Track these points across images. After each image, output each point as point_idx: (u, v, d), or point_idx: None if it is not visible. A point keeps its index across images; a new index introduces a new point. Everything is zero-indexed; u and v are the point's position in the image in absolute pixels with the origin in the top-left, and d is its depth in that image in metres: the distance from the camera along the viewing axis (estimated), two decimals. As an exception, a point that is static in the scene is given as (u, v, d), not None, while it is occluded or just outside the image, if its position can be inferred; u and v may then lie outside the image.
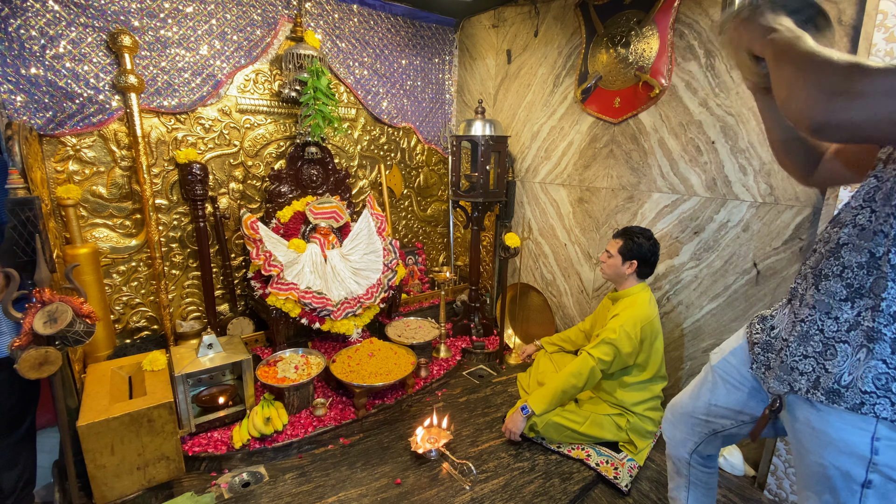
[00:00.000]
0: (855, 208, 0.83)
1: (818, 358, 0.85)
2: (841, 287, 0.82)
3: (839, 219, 0.86)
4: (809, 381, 0.85)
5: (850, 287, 0.81)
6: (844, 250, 0.83)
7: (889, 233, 0.76)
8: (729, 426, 1.16)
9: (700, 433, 1.23)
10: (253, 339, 2.43)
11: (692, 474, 1.31)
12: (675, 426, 1.30)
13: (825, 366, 0.83)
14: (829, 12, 1.56)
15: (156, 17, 2.00)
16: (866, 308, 0.79)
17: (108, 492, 1.51)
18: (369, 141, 2.86)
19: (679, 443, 1.30)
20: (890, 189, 0.77)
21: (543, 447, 1.93)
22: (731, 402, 1.13)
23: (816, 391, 0.84)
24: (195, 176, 2.10)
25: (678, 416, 1.29)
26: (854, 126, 0.66)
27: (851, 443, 0.80)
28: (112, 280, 2.09)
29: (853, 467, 0.81)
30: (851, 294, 0.81)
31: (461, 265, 3.46)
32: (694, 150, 2.01)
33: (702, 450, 1.26)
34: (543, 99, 2.69)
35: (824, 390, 0.83)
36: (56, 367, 1.30)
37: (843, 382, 0.80)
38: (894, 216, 0.75)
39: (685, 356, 2.14)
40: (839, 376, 0.81)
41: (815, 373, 0.85)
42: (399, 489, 1.69)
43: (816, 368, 0.85)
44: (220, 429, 1.90)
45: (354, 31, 2.64)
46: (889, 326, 0.76)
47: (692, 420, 1.23)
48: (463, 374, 2.55)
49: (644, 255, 1.89)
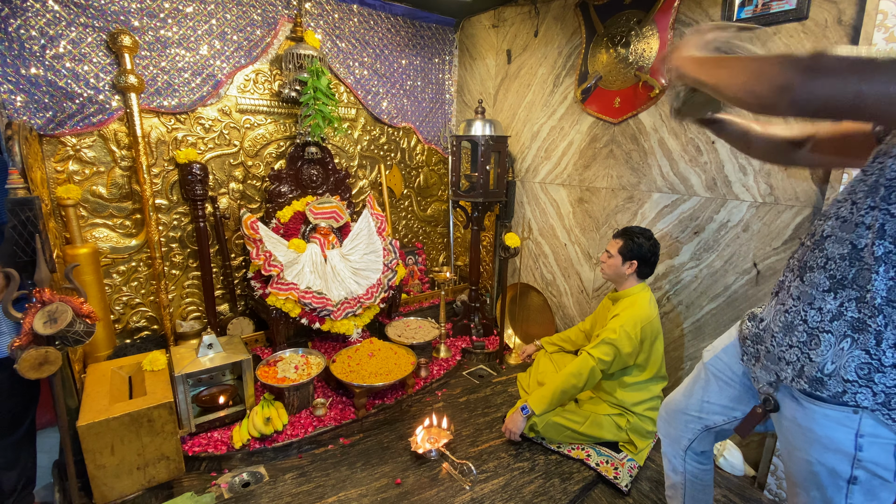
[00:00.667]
0: (840, 201, 0.85)
1: (802, 347, 0.87)
2: (824, 278, 0.84)
3: (824, 212, 0.89)
4: (794, 370, 0.87)
5: (832, 278, 0.83)
6: (828, 242, 0.85)
7: (872, 225, 0.77)
8: (721, 422, 1.18)
9: (693, 430, 1.24)
10: (253, 339, 2.43)
11: (688, 471, 1.32)
12: (669, 423, 1.32)
13: (809, 355, 0.85)
14: (829, 12, 1.57)
15: (156, 17, 2.00)
16: (849, 299, 0.80)
17: (108, 492, 1.51)
18: (369, 141, 2.86)
19: (673, 440, 1.32)
20: (874, 183, 0.78)
21: (543, 447, 1.93)
22: (724, 399, 1.15)
23: (800, 379, 0.86)
24: (195, 176, 2.10)
25: (672, 414, 1.31)
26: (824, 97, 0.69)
27: (836, 439, 0.82)
28: (112, 280, 2.09)
29: (839, 464, 0.83)
30: (834, 285, 0.83)
31: (461, 265, 3.46)
32: (694, 150, 2.01)
33: (696, 446, 1.28)
34: (543, 99, 2.69)
35: (808, 378, 0.85)
36: (56, 367, 1.30)
37: (826, 371, 0.82)
38: (879, 209, 0.77)
39: (685, 356, 2.14)
40: (822, 365, 0.83)
41: (799, 362, 0.87)
42: (399, 489, 1.69)
43: (801, 358, 0.87)
44: (220, 429, 1.90)
45: (354, 31, 2.64)
46: (874, 318, 0.77)
47: (685, 417, 1.25)
48: (463, 374, 2.55)
49: (644, 255, 1.89)
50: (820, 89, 0.68)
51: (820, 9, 1.59)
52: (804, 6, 1.62)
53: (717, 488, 1.78)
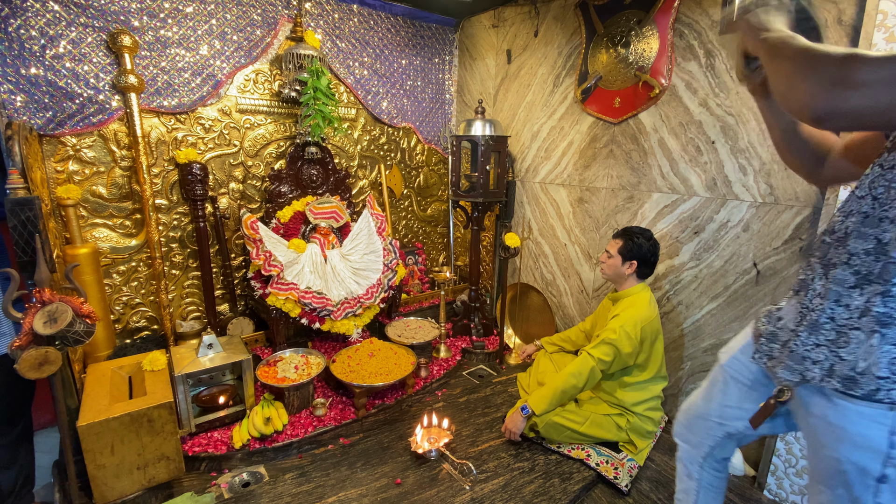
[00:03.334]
0: (860, 198, 0.83)
1: (830, 346, 0.85)
2: (849, 274, 0.83)
3: (845, 208, 0.87)
4: (823, 370, 0.85)
5: (857, 274, 0.81)
6: (851, 238, 0.83)
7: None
8: (743, 428, 1.14)
9: (715, 436, 1.21)
10: (253, 339, 2.43)
11: (703, 478, 1.29)
12: (689, 430, 1.27)
13: (839, 353, 0.83)
14: (829, 12, 1.57)
15: (156, 17, 2.00)
16: (875, 294, 0.79)
17: (108, 492, 1.51)
18: (369, 141, 2.86)
19: (693, 446, 1.27)
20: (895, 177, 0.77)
21: (543, 447, 1.93)
22: (744, 402, 1.12)
23: (831, 379, 0.83)
24: (195, 176, 2.10)
25: (691, 420, 1.27)
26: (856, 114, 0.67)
27: (869, 437, 0.80)
28: (112, 280, 2.09)
29: (870, 462, 0.81)
30: (860, 281, 0.81)
31: (461, 265, 3.46)
32: (694, 150, 2.01)
33: (716, 453, 1.24)
34: (543, 99, 2.69)
35: (840, 377, 0.82)
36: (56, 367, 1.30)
37: (859, 369, 0.80)
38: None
39: (685, 356, 2.14)
40: (854, 363, 0.81)
41: (828, 361, 0.85)
42: (399, 489, 1.69)
43: (830, 357, 0.84)
44: (220, 429, 1.90)
45: (354, 31, 2.64)
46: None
47: (706, 423, 1.21)
48: (463, 374, 2.55)
49: (644, 255, 1.89)
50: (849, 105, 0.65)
51: (820, 9, 1.59)
52: (804, 6, 1.62)
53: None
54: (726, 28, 0.95)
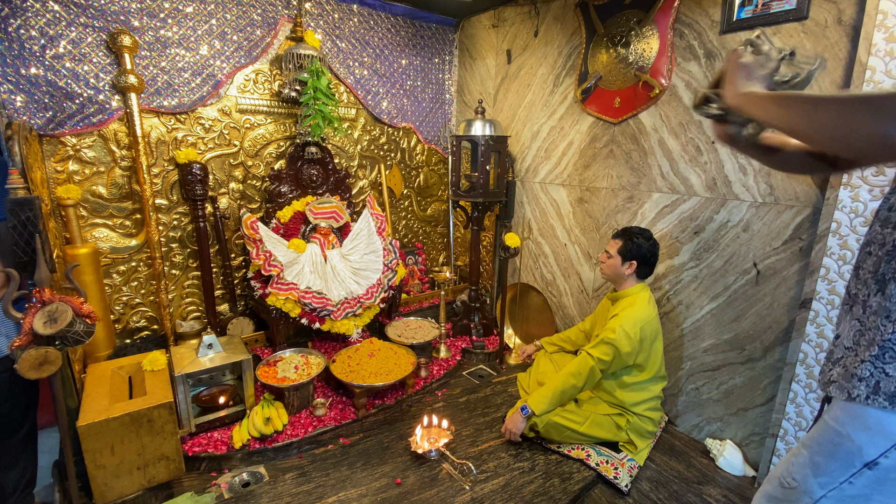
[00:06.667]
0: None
1: (875, 362, 0.83)
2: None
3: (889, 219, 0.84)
4: (869, 387, 0.83)
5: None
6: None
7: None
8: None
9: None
10: (253, 339, 2.43)
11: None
12: None
13: (884, 369, 0.81)
14: (829, 12, 1.57)
15: (156, 17, 2.00)
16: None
17: (108, 492, 1.51)
18: (369, 141, 2.86)
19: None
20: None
21: (543, 447, 1.93)
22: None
23: (877, 397, 0.81)
24: (195, 176, 2.10)
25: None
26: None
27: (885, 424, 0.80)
28: (112, 280, 2.09)
29: (871, 446, 0.81)
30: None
31: (461, 265, 3.46)
32: (694, 149, 2.01)
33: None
34: (543, 99, 2.69)
35: (886, 395, 0.80)
36: (56, 367, 1.30)
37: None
38: None
39: (685, 356, 2.14)
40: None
41: (874, 377, 0.82)
42: (399, 489, 1.69)
43: (875, 373, 0.82)
44: (220, 429, 1.90)
45: (354, 31, 2.64)
46: None
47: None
48: (463, 374, 2.55)
49: (643, 255, 1.89)
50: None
51: (820, 9, 1.59)
52: (804, 6, 1.62)
53: (717, 488, 1.79)
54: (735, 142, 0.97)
